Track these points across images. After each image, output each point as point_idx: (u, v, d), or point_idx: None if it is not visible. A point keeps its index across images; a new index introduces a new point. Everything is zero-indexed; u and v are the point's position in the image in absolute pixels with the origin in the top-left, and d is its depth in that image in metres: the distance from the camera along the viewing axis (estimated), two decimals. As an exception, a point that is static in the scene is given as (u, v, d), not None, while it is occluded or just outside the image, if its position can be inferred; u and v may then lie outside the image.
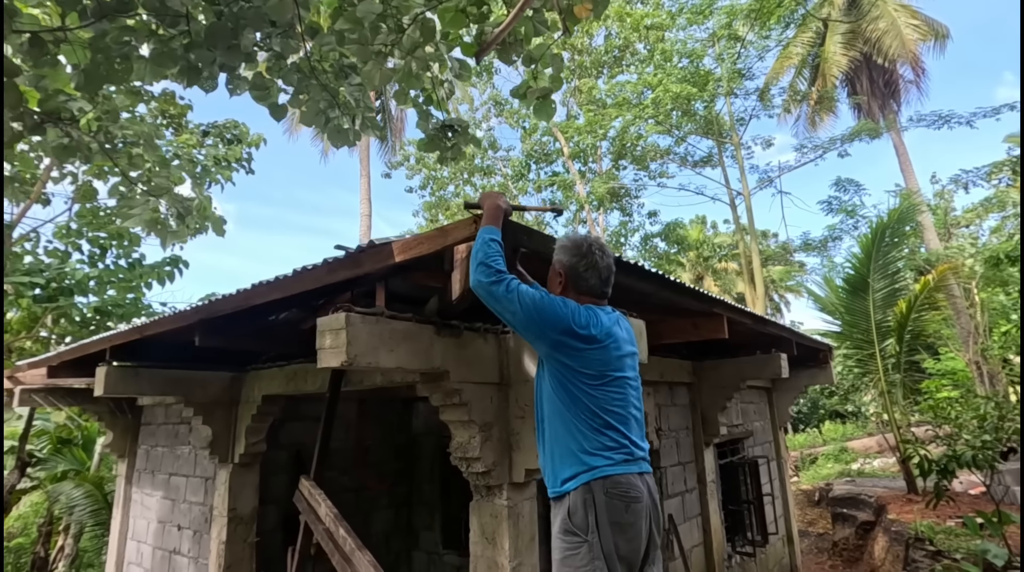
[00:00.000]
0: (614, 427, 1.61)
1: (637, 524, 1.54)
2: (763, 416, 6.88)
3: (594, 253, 1.78)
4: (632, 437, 1.63)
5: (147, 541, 5.26)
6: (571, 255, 1.79)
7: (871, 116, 14.40)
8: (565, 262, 1.79)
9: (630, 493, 1.55)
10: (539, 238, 1.95)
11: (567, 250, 1.81)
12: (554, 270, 1.84)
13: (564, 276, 1.80)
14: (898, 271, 8.32)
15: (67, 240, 8.64)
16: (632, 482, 1.57)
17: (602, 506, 1.52)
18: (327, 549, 2.85)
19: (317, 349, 2.12)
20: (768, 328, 4.38)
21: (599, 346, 1.67)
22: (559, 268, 1.82)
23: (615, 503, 1.53)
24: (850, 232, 13.82)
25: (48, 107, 2.85)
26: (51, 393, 5.31)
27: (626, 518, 1.53)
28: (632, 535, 1.53)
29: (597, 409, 1.63)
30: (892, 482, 8.99)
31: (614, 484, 1.54)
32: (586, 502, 1.54)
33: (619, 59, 16.01)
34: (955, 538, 5.26)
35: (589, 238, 1.82)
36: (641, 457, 1.64)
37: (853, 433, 17.64)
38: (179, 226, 3.71)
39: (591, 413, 1.63)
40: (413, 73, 3.03)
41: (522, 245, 1.85)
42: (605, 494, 1.53)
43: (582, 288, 1.79)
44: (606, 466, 1.56)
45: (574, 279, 1.79)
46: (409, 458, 5.99)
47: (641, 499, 1.56)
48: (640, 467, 1.62)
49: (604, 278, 1.81)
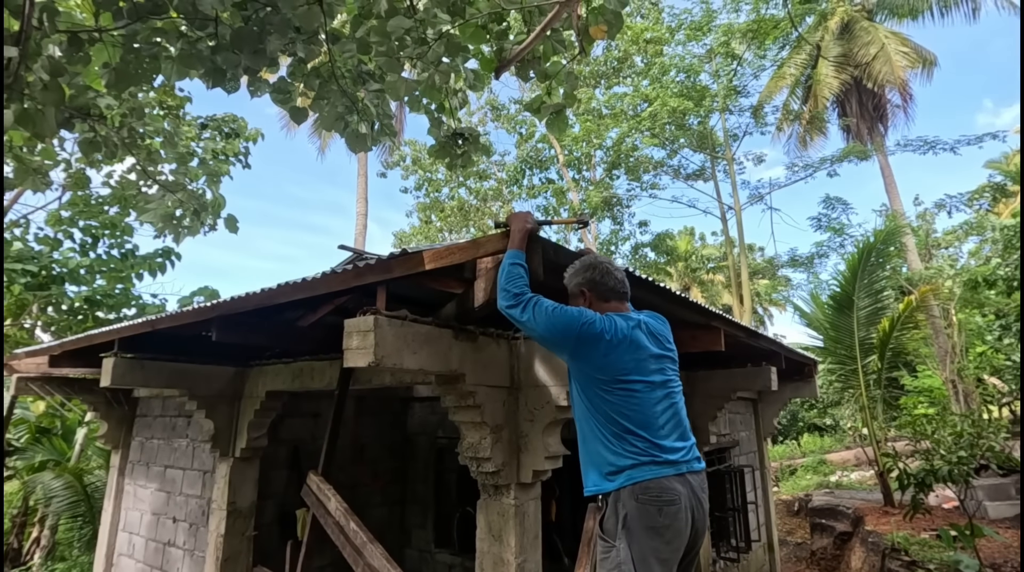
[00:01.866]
0: (634, 432, 1.64)
1: (675, 526, 1.56)
2: (749, 426, 7.06)
3: (603, 263, 1.93)
4: (658, 440, 1.64)
5: (139, 533, 5.27)
6: (584, 272, 1.93)
7: (859, 138, 14.79)
8: (581, 280, 1.92)
9: (662, 497, 1.57)
10: (565, 253, 2.08)
11: (579, 272, 1.94)
12: (573, 293, 1.96)
13: (585, 292, 1.91)
14: (882, 290, 8.60)
15: (59, 227, 8.57)
16: (663, 485, 1.59)
17: (633, 512, 1.56)
18: (338, 542, 2.93)
19: (344, 349, 2.22)
20: (760, 342, 4.54)
21: (612, 350, 1.72)
22: (578, 288, 1.93)
23: (647, 508, 1.56)
24: (837, 250, 14.17)
25: (77, 103, 2.91)
26: (48, 382, 5.30)
27: (661, 521, 1.55)
28: (671, 537, 1.56)
29: (615, 414, 1.68)
30: (869, 494, 9.25)
31: (643, 489, 1.58)
32: (617, 509, 1.60)
33: (617, 70, 16.25)
34: (929, 549, 5.47)
35: (594, 254, 1.99)
36: (673, 460, 1.64)
37: (831, 446, 18.01)
38: (193, 222, 3.77)
39: (610, 419, 1.69)
40: (436, 86, 3.14)
41: (549, 259, 1.97)
42: (636, 500, 1.57)
43: (605, 294, 1.90)
44: (632, 471, 1.60)
45: (595, 289, 1.90)
46: (403, 457, 6.07)
47: (677, 501, 1.58)
48: (675, 469, 1.62)
49: (620, 279, 1.95)
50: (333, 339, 3.35)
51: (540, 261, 1.89)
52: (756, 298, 23.28)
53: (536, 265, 1.87)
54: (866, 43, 14.08)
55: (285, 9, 2.81)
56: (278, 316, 3.47)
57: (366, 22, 3.10)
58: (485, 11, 3.10)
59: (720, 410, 5.15)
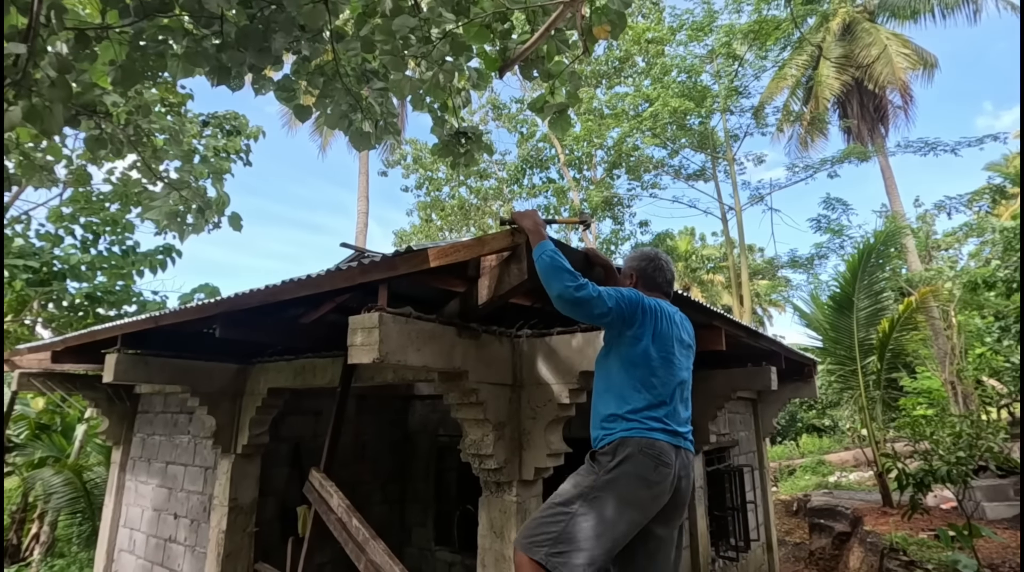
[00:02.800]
0: (660, 394, 1.82)
1: (663, 485, 1.73)
2: (748, 426, 7.08)
3: (661, 258, 2.13)
4: (674, 411, 1.83)
5: (140, 529, 5.28)
6: (641, 261, 2.13)
7: (860, 139, 14.81)
8: (636, 267, 2.12)
9: (661, 457, 1.74)
10: (570, 253, 2.09)
11: (637, 258, 2.14)
12: (625, 275, 2.15)
13: (636, 278, 2.11)
14: (882, 291, 8.61)
15: (60, 224, 8.58)
16: (665, 449, 1.76)
17: (635, 458, 1.72)
18: (340, 539, 2.95)
19: (348, 345, 2.24)
20: (761, 342, 4.56)
21: (659, 326, 1.91)
22: (631, 272, 2.13)
23: (646, 461, 1.72)
24: (837, 251, 14.19)
25: (83, 100, 2.93)
26: (49, 378, 5.32)
27: (653, 477, 1.71)
28: (656, 493, 1.72)
29: (651, 377, 1.84)
30: (868, 495, 9.27)
31: (649, 445, 1.74)
32: (617, 450, 1.75)
33: (618, 70, 16.26)
34: (927, 549, 5.49)
35: (657, 250, 2.17)
36: (680, 432, 1.83)
37: (830, 447, 18.04)
38: (197, 220, 3.78)
39: (644, 380, 1.83)
40: (440, 84, 3.16)
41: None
42: (640, 451, 1.73)
43: (651, 285, 2.11)
44: (648, 430, 1.76)
45: (644, 279, 2.11)
46: (404, 455, 6.08)
47: (671, 465, 1.75)
48: (677, 440, 1.80)
49: (669, 280, 2.14)
50: (335, 337, 3.37)
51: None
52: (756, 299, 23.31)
53: (532, 264, 1.89)
54: (867, 44, 14.10)
55: (290, 7, 2.82)
56: (281, 313, 3.49)
57: (370, 21, 3.12)
58: (489, 10, 3.11)
59: (720, 409, 5.16)
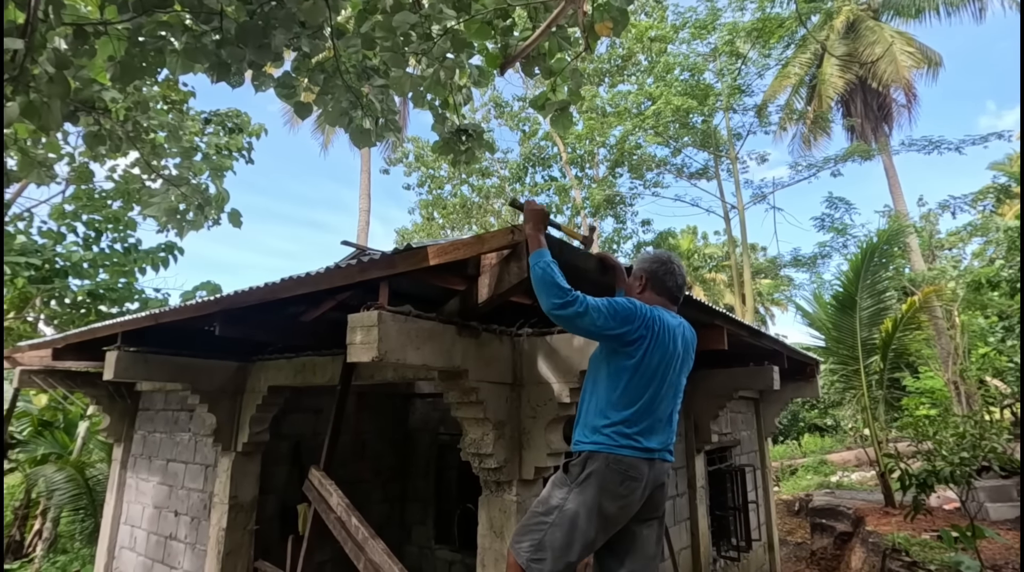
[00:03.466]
0: (635, 411, 1.85)
1: (630, 497, 1.82)
2: (750, 426, 7.06)
3: (673, 263, 2.10)
4: (648, 430, 1.86)
5: (141, 526, 5.29)
6: (653, 263, 2.09)
7: (863, 138, 14.75)
8: (647, 269, 2.08)
9: (629, 472, 1.81)
10: (570, 251, 2.07)
11: (649, 260, 2.10)
12: (635, 276, 2.12)
13: (645, 280, 2.08)
14: (885, 290, 8.57)
15: (62, 221, 8.58)
16: (633, 464, 1.82)
17: (601, 472, 1.81)
18: (339, 537, 2.94)
19: (348, 344, 2.22)
20: (763, 341, 4.54)
21: (654, 341, 1.88)
22: (641, 274, 2.10)
23: (613, 475, 1.81)
24: (840, 250, 14.14)
25: (82, 96, 2.91)
26: (50, 375, 5.32)
27: (619, 490, 1.80)
28: (621, 504, 1.82)
29: (630, 391, 1.86)
30: (870, 495, 9.24)
31: (616, 461, 1.82)
32: (587, 463, 1.84)
33: (621, 68, 16.22)
34: (930, 550, 5.47)
35: (670, 253, 2.14)
36: (650, 448, 1.86)
37: (832, 446, 17.99)
38: (197, 216, 3.77)
39: (624, 393, 1.87)
40: (441, 81, 3.14)
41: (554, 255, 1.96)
42: (607, 465, 1.82)
43: (660, 289, 2.08)
44: (615, 445, 1.83)
45: (655, 282, 2.08)
46: (404, 454, 6.07)
47: (639, 479, 1.82)
48: (648, 455, 1.86)
49: (679, 285, 2.11)
50: (335, 335, 3.35)
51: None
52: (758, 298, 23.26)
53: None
54: (871, 43, 14.03)
55: (290, 4, 2.81)
56: (281, 311, 3.47)
57: (371, 17, 3.09)
58: (491, 7, 3.09)
59: (722, 409, 5.14)
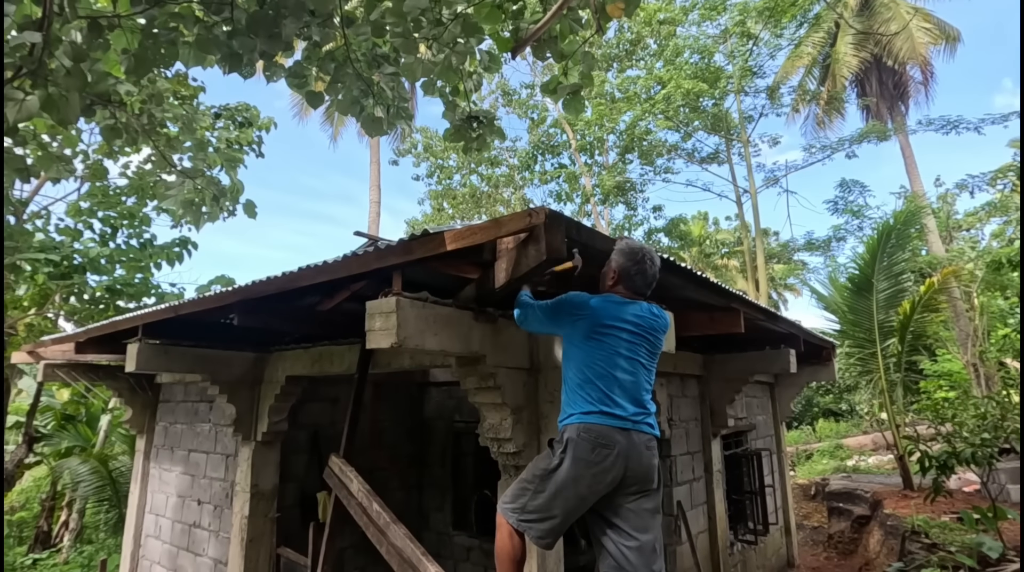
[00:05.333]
0: (592, 382, 2.01)
1: (603, 465, 1.92)
2: (766, 410, 7.03)
3: (646, 261, 2.14)
4: (611, 396, 1.99)
5: (166, 515, 5.39)
6: (626, 259, 2.14)
7: (879, 118, 14.47)
8: (620, 266, 2.15)
9: (599, 440, 1.93)
10: (587, 233, 2.07)
11: (624, 254, 2.15)
12: (609, 268, 2.18)
13: (617, 274, 2.15)
14: (902, 272, 8.45)
15: (79, 218, 8.69)
16: (603, 432, 1.95)
17: (574, 441, 1.96)
18: (361, 523, 2.98)
19: (367, 330, 2.24)
20: (779, 324, 4.50)
21: (602, 327, 2.04)
22: (614, 267, 2.16)
23: (584, 444, 1.94)
24: (855, 233, 13.94)
25: (98, 89, 2.93)
26: (73, 369, 5.42)
27: (591, 457, 1.92)
28: (596, 472, 1.93)
29: (583, 366, 2.05)
30: (887, 479, 9.18)
31: (586, 429, 1.96)
32: (564, 436, 2.01)
33: (630, 53, 16.01)
34: (950, 532, 5.43)
35: (644, 247, 2.17)
36: (620, 415, 1.98)
37: (847, 431, 17.88)
38: (212, 208, 3.79)
39: (579, 370, 2.06)
40: (452, 67, 3.12)
41: (572, 239, 1.96)
42: (578, 435, 1.96)
43: (628, 285, 2.16)
44: (584, 414, 1.99)
45: (624, 278, 2.15)
46: (421, 442, 6.13)
47: (611, 446, 1.93)
48: (621, 423, 1.97)
49: (648, 282, 2.19)
50: (351, 325, 3.37)
51: (563, 239, 1.88)
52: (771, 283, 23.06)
53: (559, 243, 1.87)
54: (887, 19, 13.71)
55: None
56: (297, 301, 3.50)
57: (380, 4, 3.07)
58: (501, -10, 3.06)
59: (737, 393, 5.12)
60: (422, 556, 2.51)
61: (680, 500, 4.54)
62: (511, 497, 2.08)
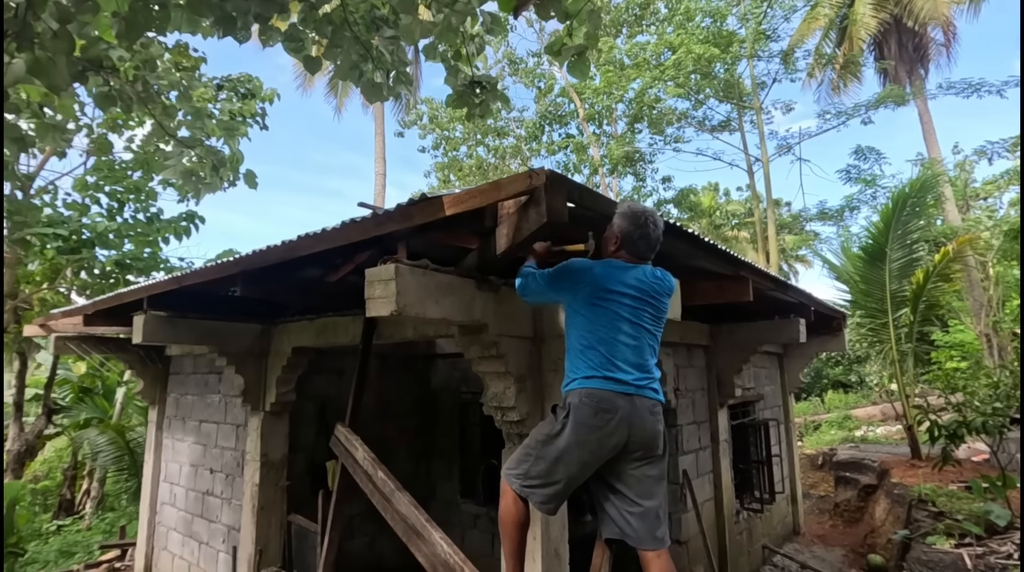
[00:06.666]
0: (594, 347, 1.98)
1: (605, 428, 1.90)
2: (774, 381, 7.00)
3: (648, 225, 2.07)
4: (614, 360, 1.96)
5: (180, 483, 5.51)
6: (628, 223, 2.07)
7: (897, 82, 14.00)
8: (623, 227, 2.08)
9: (600, 405, 1.91)
10: (591, 196, 2.00)
11: (626, 217, 2.08)
12: (611, 232, 2.12)
13: (619, 238, 2.09)
14: (916, 242, 8.28)
15: (86, 193, 8.68)
16: (604, 396, 1.92)
17: (576, 406, 1.94)
18: (367, 490, 3.01)
19: (366, 298, 2.20)
20: (789, 293, 4.43)
21: (603, 291, 2.00)
22: (616, 231, 2.10)
23: (586, 408, 1.92)
24: (869, 202, 13.65)
25: (90, 55, 2.86)
26: (84, 341, 5.47)
27: (592, 422, 1.90)
28: (599, 436, 1.91)
29: (584, 331, 2.02)
30: (896, 448, 9.18)
31: (588, 394, 1.94)
32: (567, 401, 2.00)
33: (639, 18, 15.54)
34: (957, 501, 5.42)
35: (647, 210, 2.09)
36: (622, 380, 1.94)
37: (856, 402, 17.85)
38: (212, 178, 3.74)
39: (581, 335, 2.04)
40: (452, 27, 3.00)
41: (574, 201, 1.90)
42: (579, 400, 1.95)
43: (631, 250, 2.10)
44: (586, 379, 1.97)
45: (626, 242, 2.09)
46: (428, 413, 6.18)
47: (612, 411, 1.91)
48: (623, 388, 1.94)
49: (652, 246, 2.12)
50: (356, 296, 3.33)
51: (564, 201, 1.82)
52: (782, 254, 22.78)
53: (560, 205, 1.81)
54: (908, -22, 13.15)
55: (293, -51, 2.69)
56: (298, 272, 3.47)
57: (384, -37, 2.95)
58: (501, -56, 2.92)
59: (745, 363, 5.09)
60: (426, 523, 2.53)
61: (686, 469, 4.55)
62: (515, 463, 2.08)
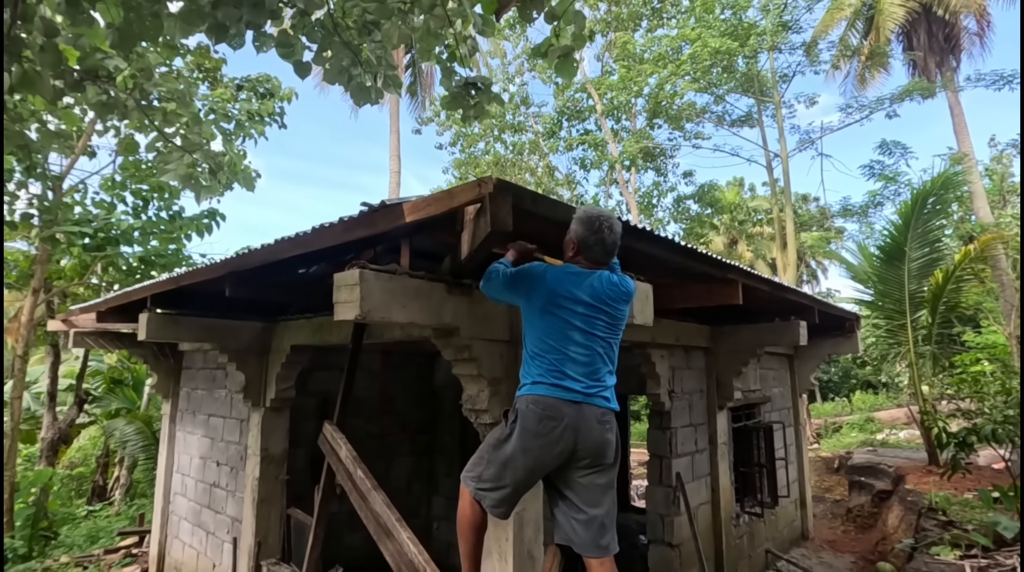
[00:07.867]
0: (542, 355, 1.99)
1: (550, 436, 1.92)
2: (783, 382, 6.87)
3: (603, 230, 2.05)
4: (562, 369, 1.96)
5: (190, 474, 5.70)
6: (584, 228, 2.07)
7: (927, 74, 13.49)
8: (579, 232, 2.08)
9: (546, 412, 1.93)
10: (544, 202, 2.01)
11: (582, 223, 2.08)
12: (569, 238, 2.13)
13: (576, 244, 2.09)
14: (938, 240, 8.00)
15: (112, 192, 9.00)
16: (550, 403, 1.93)
17: (523, 412, 1.96)
18: (347, 488, 3.08)
19: (334, 302, 2.25)
20: (788, 295, 4.34)
21: (557, 296, 2.00)
22: (573, 237, 2.10)
23: (530, 414, 1.94)
24: (893, 198, 13.23)
25: (87, 65, 2.97)
26: (101, 336, 5.69)
27: (537, 428, 1.92)
28: (543, 443, 1.93)
29: (536, 338, 2.04)
30: (915, 453, 8.92)
31: (535, 401, 1.95)
32: (515, 406, 2.02)
33: (658, 11, 15.30)
34: (970, 510, 5.26)
35: (603, 214, 2.08)
36: (570, 388, 1.95)
37: (882, 404, 17.38)
38: (211, 181, 3.85)
39: (533, 342, 2.06)
40: (432, 31, 3.03)
41: (527, 208, 1.91)
42: (526, 406, 1.96)
43: (588, 255, 2.10)
44: (534, 385, 1.98)
45: (583, 248, 2.08)
46: (431, 409, 6.25)
47: (558, 419, 1.92)
48: (571, 396, 1.95)
49: (608, 251, 2.11)
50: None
51: (508, 210, 1.83)
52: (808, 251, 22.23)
53: (504, 215, 1.82)
54: (939, -36, 12.64)
55: (277, -42, 2.74)
56: (285, 272, 3.55)
57: (358, -32, 2.99)
58: (479, -52, 2.93)
59: (746, 365, 5.01)
60: (396, 522, 2.58)
61: (679, 472, 4.52)
62: (471, 466, 2.11)
